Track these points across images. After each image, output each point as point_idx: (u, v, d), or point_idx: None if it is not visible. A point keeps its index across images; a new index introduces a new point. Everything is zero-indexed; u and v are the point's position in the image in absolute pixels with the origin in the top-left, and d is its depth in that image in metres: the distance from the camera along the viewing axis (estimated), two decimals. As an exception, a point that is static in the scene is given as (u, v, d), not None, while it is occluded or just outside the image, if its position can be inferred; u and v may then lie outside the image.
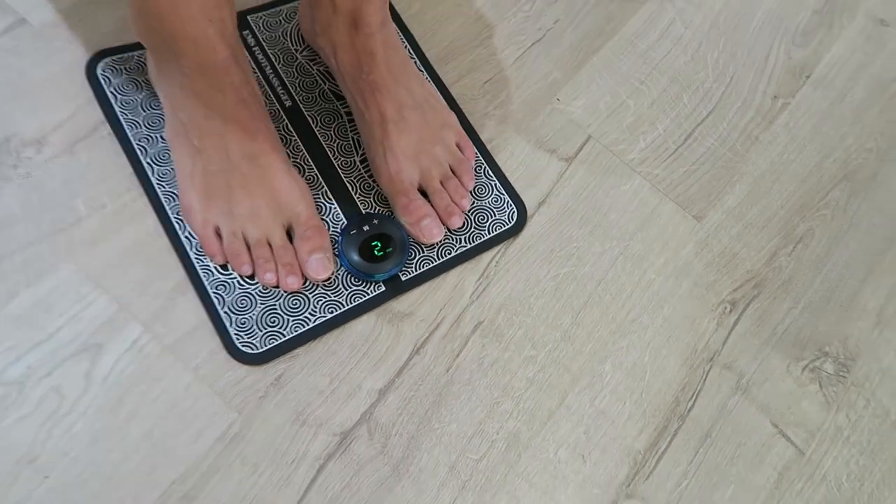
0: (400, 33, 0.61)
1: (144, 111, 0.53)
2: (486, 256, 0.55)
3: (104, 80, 0.54)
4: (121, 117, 0.53)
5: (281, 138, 0.55)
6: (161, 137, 0.53)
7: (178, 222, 0.51)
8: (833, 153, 0.66)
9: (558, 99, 0.62)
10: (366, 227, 0.53)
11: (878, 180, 0.66)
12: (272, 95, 0.57)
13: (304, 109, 0.57)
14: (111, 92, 0.53)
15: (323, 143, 0.56)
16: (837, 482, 0.54)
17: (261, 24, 0.60)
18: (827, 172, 0.65)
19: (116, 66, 0.54)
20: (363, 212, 0.55)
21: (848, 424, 0.56)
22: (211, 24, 0.46)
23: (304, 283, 0.51)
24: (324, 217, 0.54)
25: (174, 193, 0.52)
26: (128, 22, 0.54)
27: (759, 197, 0.63)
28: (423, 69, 0.61)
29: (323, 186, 0.55)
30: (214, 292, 0.50)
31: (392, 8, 0.62)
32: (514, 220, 0.57)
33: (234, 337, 0.49)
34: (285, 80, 0.58)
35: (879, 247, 0.63)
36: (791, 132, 0.66)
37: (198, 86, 0.48)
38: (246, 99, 0.50)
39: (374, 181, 0.56)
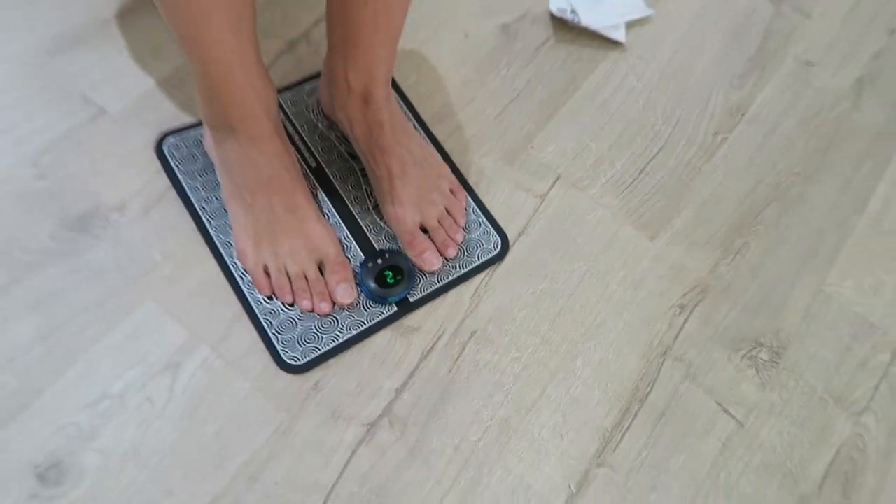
0: (400, 101, 0.75)
1: (202, 178, 0.68)
2: (477, 279, 0.69)
3: (170, 154, 0.68)
4: (184, 184, 0.67)
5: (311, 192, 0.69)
6: (216, 198, 0.67)
7: (233, 265, 0.65)
8: (766, 178, 0.79)
9: (532, 147, 0.76)
10: (379, 261, 0.66)
11: (803, 199, 0.78)
12: (300, 158, 0.71)
13: (326, 168, 0.71)
14: (175, 164, 0.68)
15: (342, 194, 0.70)
16: (772, 448, 0.66)
17: (288, 101, 0.74)
18: (760, 194, 0.78)
19: (178, 144, 0.69)
20: (377, 248, 0.68)
21: (780, 401, 0.68)
22: (260, 105, 0.61)
23: (333, 307, 0.64)
24: (346, 254, 0.67)
25: (229, 242, 0.65)
26: (193, 106, 0.68)
27: (703, 219, 0.75)
28: (420, 129, 0.75)
29: (344, 229, 0.69)
30: (264, 318, 0.63)
31: (393, 81, 0.76)
32: (499, 248, 0.70)
33: (280, 353, 0.62)
34: (310, 145, 0.72)
35: (805, 255, 0.75)
36: (729, 163, 0.79)
37: (249, 154, 0.63)
38: (286, 163, 0.64)
39: (384, 223, 0.69)
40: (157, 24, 0.75)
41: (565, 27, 0.83)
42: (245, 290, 0.64)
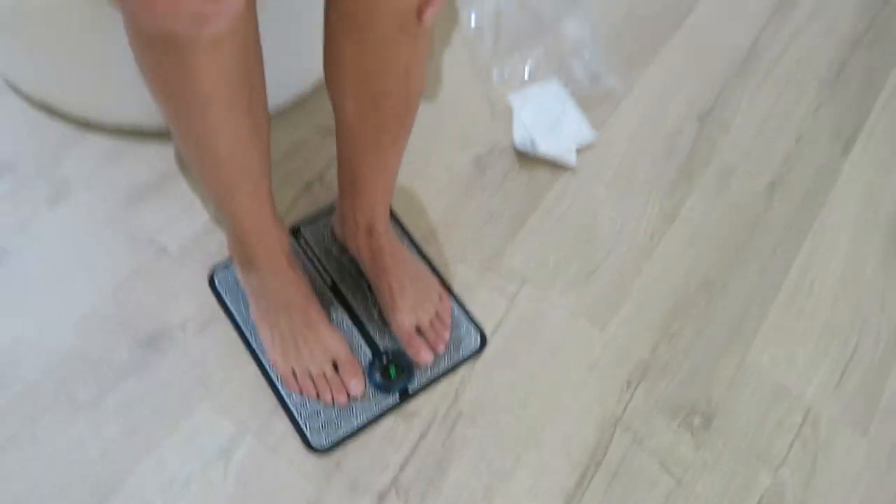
0: (396, 226, 0.94)
1: (244, 302, 0.86)
2: (462, 370, 0.86)
3: (219, 283, 0.87)
4: (230, 307, 0.86)
5: (325, 307, 0.87)
6: (255, 316, 0.85)
7: (270, 369, 0.83)
8: (696, 270, 0.97)
9: (503, 257, 0.95)
10: (384, 359, 0.84)
11: (727, 286, 0.96)
12: (320, 278, 0.90)
13: (339, 285, 0.90)
14: (223, 291, 0.87)
15: (353, 305, 0.89)
16: (706, 499, 0.81)
17: (308, 231, 0.93)
18: (691, 286, 0.96)
19: (225, 274, 0.88)
20: (381, 348, 0.86)
21: (712, 459, 0.84)
22: (276, 246, 0.79)
23: (349, 398, 0.82)
24: (358, 353, 0.85)
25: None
26: (227, 249, 0.88)
27: (644, 308, 0.93)
28: (412, 248, 0.93)
29: (355, 332, 0.87)
30: (296, 410, 0.80)
31: (391, 209, 0.95)
32: (479, 343, 0.88)
33: (309, 438, 0.79)
34: (326, 266, 0.91)
35: (730, 333, 0.92)
36: (665, 259, 0.97)
37: (269, 285, 0.81)
38: (299, 288, 0.82)
39: (387, 327, 0.87)
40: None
41: (526, 156, 1.03)
42: (280, 389, 0.82)
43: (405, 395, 0.83)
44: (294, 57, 0.93)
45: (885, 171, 1.10)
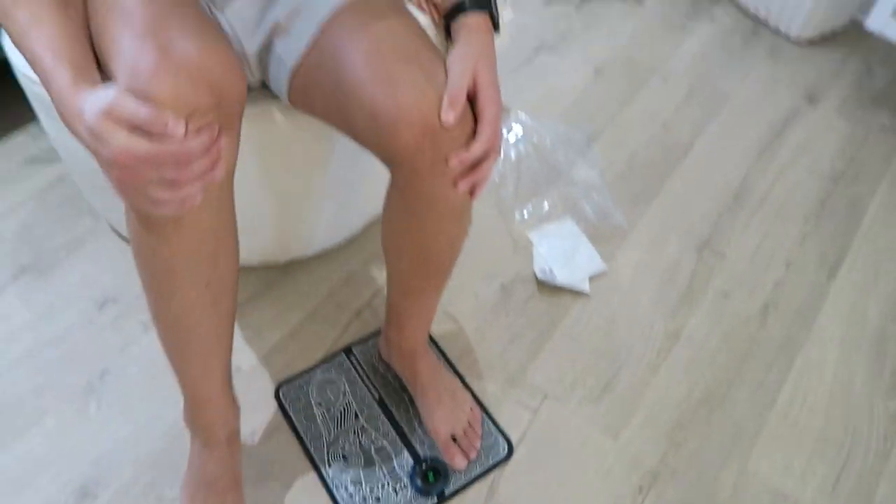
0: (434, 347, 1.10)
1: (305, 413, 1.01)
2: (492, 474, 0.98)
3: (283, 397, 1.03)
4: (293, 417, 1.01)
5: (373, 418, 1.02)
6: (314, 426, 1.00)
7: (325, 473, 0.96)
8: (698, 385, 1.09)
9: (526, 374, 1.09)
10: (423, 465, 0.97)
11: (727, 399, 1.08)
12: (369, 392, 1.05)
13: (385, 399, 1.04)
14: (288, 404, 1.02)
15: (396, 416, 1.03)
16: None
17: (358, 352, 1.09)
18: (694, 398, 1.08)
19: (289, 390, 1.04)
20: (421, 455, 0.99)
21: (719, 560, 0.92)
22: (219, 421, 0.84)
23: None
24: (400, 458, 0.98)
25: (324, 459, 0.97)
26: (295, 364, 1.04)
27: (652, 420, 1.05)
28: (447, 366, 1.08)
29: (398, 441, 1.00)
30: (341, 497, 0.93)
31: (429, 334, 1.11)
32: (506, 451, 1.00)
33: (359, 535, 0.91)
34: (374, 382, 1.06)
35: (731, 443, 1.03)
36: (670, 375, 1.10)
37: (203, 455, 0.86)
38: (229, 471, 0.86)
39: (426, 436, 1.01)
40: (266, 305, 1.13)
41: (545, 285, 1.20)
42: (335, 493, 0.95)
43: (442, 498, 0.95)
44: (349, 207, 1.14)
45: (868, 293, 1.24)
